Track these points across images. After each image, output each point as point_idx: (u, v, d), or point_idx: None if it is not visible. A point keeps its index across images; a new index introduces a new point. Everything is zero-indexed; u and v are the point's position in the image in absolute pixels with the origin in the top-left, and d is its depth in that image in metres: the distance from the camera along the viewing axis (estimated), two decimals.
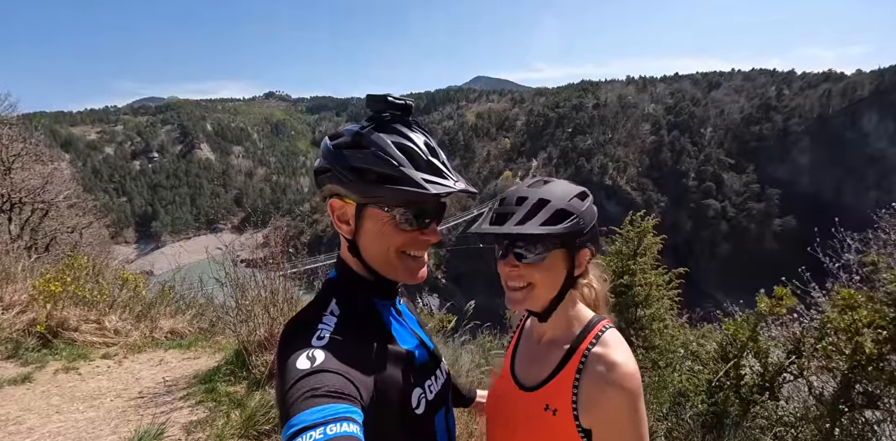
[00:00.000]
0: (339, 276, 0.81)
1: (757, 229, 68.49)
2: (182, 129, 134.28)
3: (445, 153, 0.82)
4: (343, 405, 0.57)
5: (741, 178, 76.20)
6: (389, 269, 0.78)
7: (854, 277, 3.14)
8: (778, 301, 2.39)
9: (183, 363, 4.09)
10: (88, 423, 2.89)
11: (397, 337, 0.80)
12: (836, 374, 2.17)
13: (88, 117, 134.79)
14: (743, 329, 2.44)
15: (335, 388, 0.59)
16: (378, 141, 0.72)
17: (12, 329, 4.02)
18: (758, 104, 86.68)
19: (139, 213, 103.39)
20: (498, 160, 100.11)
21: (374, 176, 0.71)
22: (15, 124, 10.05)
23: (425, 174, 0.72)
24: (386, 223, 0.74)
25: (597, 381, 0.77)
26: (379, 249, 0.76)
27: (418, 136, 0.77)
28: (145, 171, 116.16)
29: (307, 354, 0.63)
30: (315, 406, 0.56)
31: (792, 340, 2.41)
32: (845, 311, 2.06)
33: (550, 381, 0.83)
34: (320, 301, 0.77)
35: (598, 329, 0.84)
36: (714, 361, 2.68)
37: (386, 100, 0.75)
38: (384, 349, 0.75)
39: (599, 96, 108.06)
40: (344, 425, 0.54)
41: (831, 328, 2.17)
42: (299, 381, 0.59)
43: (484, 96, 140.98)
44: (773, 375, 2.36)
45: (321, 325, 0.69)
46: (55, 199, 10.75)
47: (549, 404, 0.81)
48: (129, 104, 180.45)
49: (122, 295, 4.78)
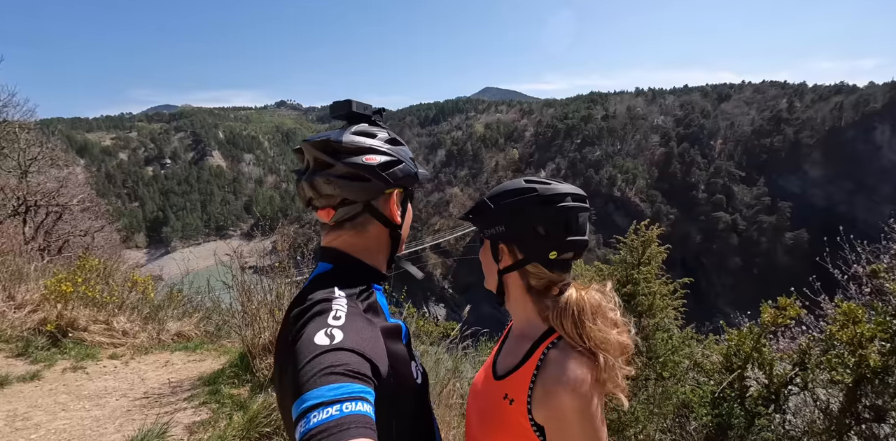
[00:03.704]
0: (337, 266, 0.84)
1: (768, 243, 67.52)
2: (194, 136, 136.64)
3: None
4: (359, 385, 0.58)
5: (752, 190, 75.50)
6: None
7: (864, 289, 3.11)
8: (781, 312, 2.37)
9: (188, 365, 4.12)
10: (94, 421, 2.92)
11: (387, 315, 0.84)
12: (842, 388, 2.14)
13: (104, 123, 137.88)
14: (746, 339, 2.42)
15: (353, 367, 0.60)
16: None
17: (23, 327, 4.10)
18: (768, 116, 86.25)
19: (150, 218, 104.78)
20: (506, 171, 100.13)
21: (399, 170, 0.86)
22: (33, 129, 10.33)
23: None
24: (408, 209, 0.93)
25: (551, 379, 0.78)
26: (406, 232, 0.92)
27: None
28: (158, 177, 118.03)
29: (325, 331, 0.65)
30: (334, 383, 0.57)
31: (798, 352, 2.38)
32: (847, 325, 2.03)
33: (514, 372, 0.85)
34: (323, 288, 0.78)
35: (558, 334, 0.84)
36: (719, 373, 2.65)
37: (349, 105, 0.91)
38: (387, 327, 0.78)
39: (608, 108, 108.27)
40: (359, 404, 0.55)
41: (836, 340, 2.14)
42: (318, 357, 0.60)
43: (493, 107, 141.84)
44: (779, 387, 2.33)
45: (335, 305, 0.71)
46: (69, 202, 10.96)
47: (508, 394, 0.83)
48: (144, 111, 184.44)
49: (132, 297, 4.85)
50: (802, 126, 79.85)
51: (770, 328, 2.42)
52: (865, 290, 3.03)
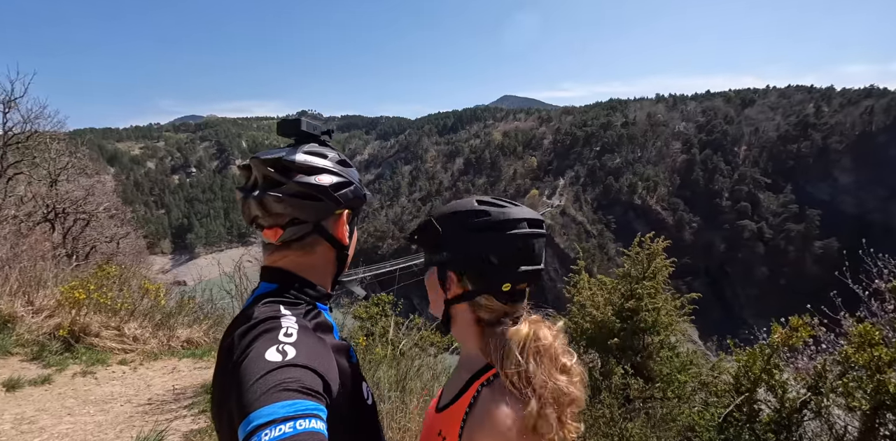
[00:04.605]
0: (283, 286, 0.81)
1: (796, 252, 65.04)
2: (219, 145, 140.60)
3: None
4: (313, 402, 0.57)
5: (778, 198, 73.08)
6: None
7: (887, 306, 2.93)
8: (793, 332, 2.24)
9: (193, 372, 4.17)
10: (96, 426, 2.97)
11: (335, 334, 0.82)
12: (860, 414, 1.99)
13: (133, 134, 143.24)
14: (756, 360, 2.29)
15: (307, 384, 0.59)
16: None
17: (39, 332, 4.22)
18: (795, 122, 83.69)
19: (176, 225, 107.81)
20: (524, 179, 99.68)
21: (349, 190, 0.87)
22: (63, 140, 10.79)
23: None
24: (354, 231, 0.92)
25: (475, 421, 0.72)
26: (352, 253, 0.92)
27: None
28: (183, 186, 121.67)
29: (277, 348, 0.63)
30: (287, 399, 0.55)
31: (812, 375, 2.23)
32: (863, 348, 1.90)
33: (450, 407, 0.79)
34: (267, 307, 0.76)
35: (495, 370, 0.77)
36: (729, 394, 2.52)
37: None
38: (337, 345, 0.77)
39: (628, 114, 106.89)
40: (313, 422, 0.54)
41: (853, 363, 2.00)
42: (270, 373, 0.59)
43: (511, 115, 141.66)
44: (791, 412, 2.19)
45: (284, 323, 0.69)
46: (96, 209, 11.38)
47: (442, 430, 0.78)
48: (171, 122, 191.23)
49: (144, 304, 4.95)
50: (831, 131, 77.14)
51: (781, 349, 2.28)
52: (889, 306, 2.86)
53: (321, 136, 0.90)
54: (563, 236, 76.55)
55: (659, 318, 2.74)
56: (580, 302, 3.78)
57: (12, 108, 9.32)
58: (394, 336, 3.93)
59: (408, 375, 3.29)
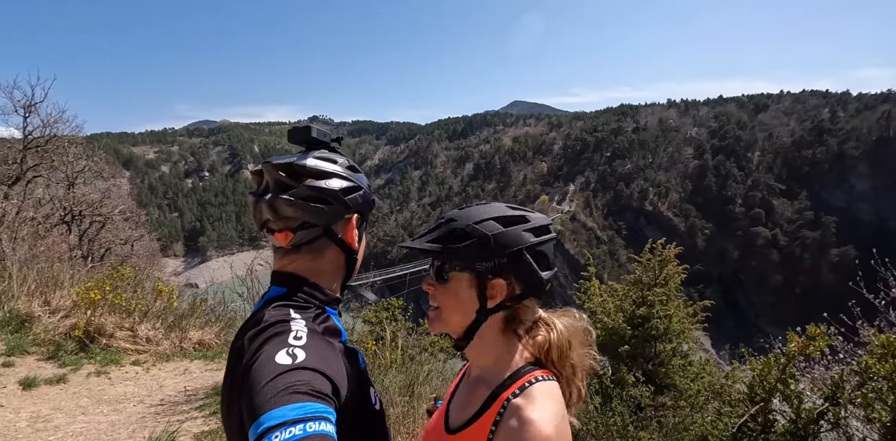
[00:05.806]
0: (292, 290, 0.82)
1: (811, 259, 63.77)
2: (231, 150, 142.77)
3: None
4: (322, 405, 0.58)
5: (793, 204, 71.94)
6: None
7: None
8: (810, 341, 2.20)
9: (205, 374, 4.21)
10: (109, 425, 3.01)
11: (344, 338, 0.83)
12: (880, 426, 1.94)
13: (148, 138, 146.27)
14: (771, 369, 2.25)
15: (316, 387, 0.60)
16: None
17: (56, 332, 4.30)
18: (809, 127, 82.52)
19: (188, 228, 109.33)
20: (534, 184, 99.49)
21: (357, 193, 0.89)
22: (80, 144, 11.03)
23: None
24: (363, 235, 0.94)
25: (515, 432, 0.69)
26: (361, 258, 0.92)
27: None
28: (196, 189, 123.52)
29: (287, 351, 0.64)
30: (296, 402, 0.56)
31: (829, 385, 2.19)
32: (885, 358, 1.85)
33: (469, 427, 0.77)
34: (277, 311, 0.77)
35: (526, 379, 0.76)
36: (743, 403, 2.47)
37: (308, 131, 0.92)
38: (346, 350, 0.79)
39: (639, 120, 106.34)
40: (322, 424, 0.55)
41: (873, 373, 1.96)
42: (280, 376, 0.60)
43: (521, 120, 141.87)
44: (807, 423, 2.14)
45: (294, 326, 0.71)
46: (111, 212, 11.60)
47: None
48: (185, 127, 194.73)
49: (157, 305, 5.02)
50: (847, 136, 75.81)
51: (797, 359, 2.24)
52: None
53: (330, 143, 0.92)
54: (574, 242, 76.05)
55: (671, 325, 2.71)
56: (591, 308, 3.75)
57: (32, 112, 9.58)
58: (403, 341, 3.93)
59: (417, 381, 3.29)
